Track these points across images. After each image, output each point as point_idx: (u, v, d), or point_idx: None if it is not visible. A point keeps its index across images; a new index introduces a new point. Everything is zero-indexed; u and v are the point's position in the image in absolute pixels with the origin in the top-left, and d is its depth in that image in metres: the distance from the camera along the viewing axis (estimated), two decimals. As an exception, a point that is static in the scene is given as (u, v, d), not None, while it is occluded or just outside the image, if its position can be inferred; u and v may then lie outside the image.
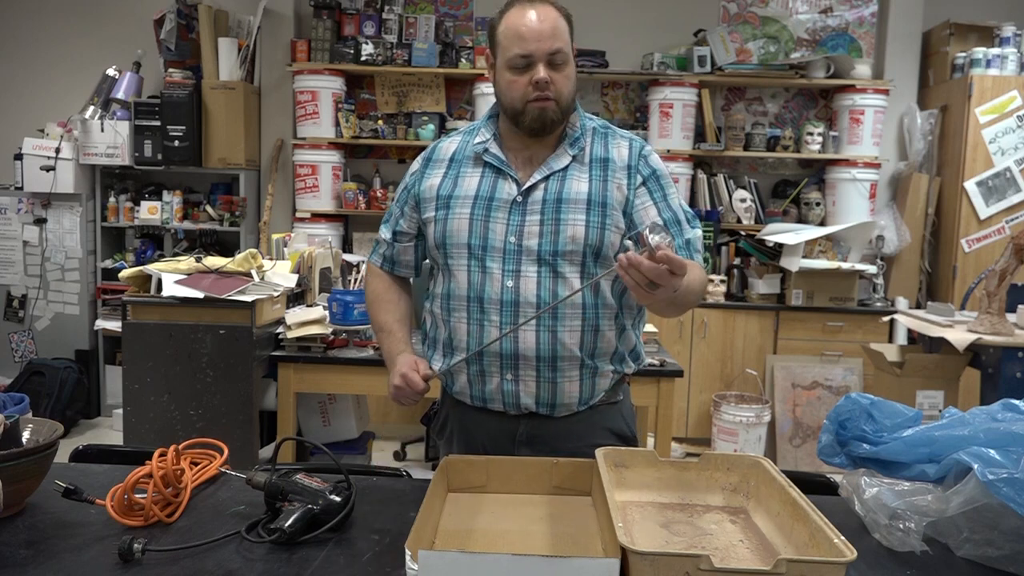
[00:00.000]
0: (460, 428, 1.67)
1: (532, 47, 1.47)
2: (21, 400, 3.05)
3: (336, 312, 3.09)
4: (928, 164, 4.84)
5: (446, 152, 1.66)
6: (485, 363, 1.56)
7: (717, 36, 4.94)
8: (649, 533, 1.22)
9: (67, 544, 1.19)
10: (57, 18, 5.28)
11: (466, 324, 1.57)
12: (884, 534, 1.25)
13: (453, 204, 1.58)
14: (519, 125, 1.54)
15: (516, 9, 1.50)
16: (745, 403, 4.31)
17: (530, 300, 1.52)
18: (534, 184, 1.55)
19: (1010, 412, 1.32)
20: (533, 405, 1.57)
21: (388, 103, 5.10)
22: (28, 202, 4.85)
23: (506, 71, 1.51)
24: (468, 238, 1.55)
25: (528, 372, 1.55)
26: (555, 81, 1.49)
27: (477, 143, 1.61)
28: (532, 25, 1.47)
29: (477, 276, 1.55)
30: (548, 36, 1.47)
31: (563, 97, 1.51)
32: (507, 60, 1.50)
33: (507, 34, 1.49)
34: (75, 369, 4.67)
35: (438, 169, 1.64)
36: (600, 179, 1.56)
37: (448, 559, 0.99)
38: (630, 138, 1.62)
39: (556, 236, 1.52)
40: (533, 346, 1.53)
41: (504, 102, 1.55)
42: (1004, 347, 3.18)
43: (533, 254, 1.53)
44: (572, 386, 1.57)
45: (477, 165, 1.60)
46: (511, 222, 1.54)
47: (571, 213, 1.53)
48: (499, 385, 1.57)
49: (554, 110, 1.51)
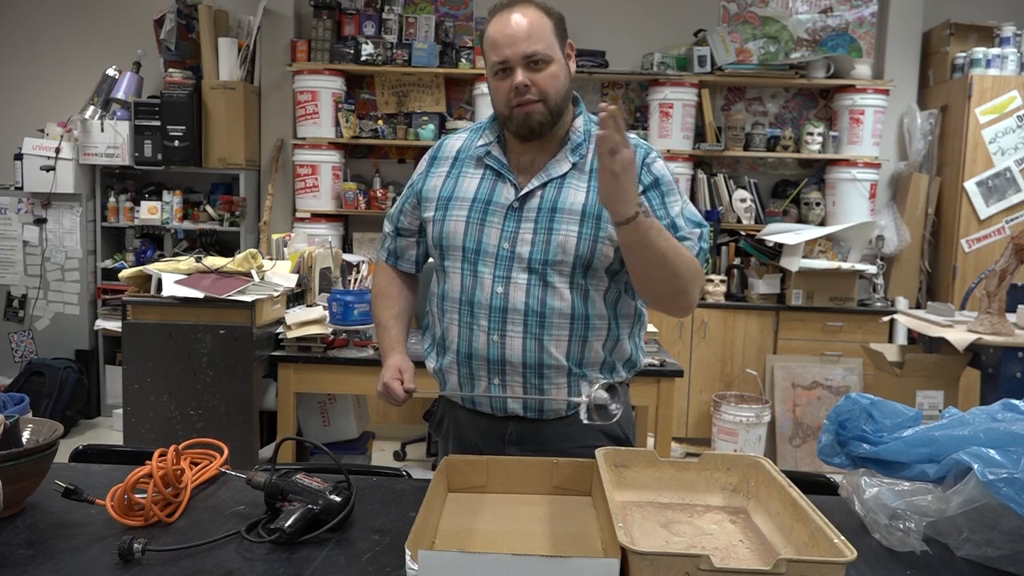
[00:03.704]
0: (454, 426, 1.68)
1: (507, 52, 1.47)
2: (21, 400, 3.06)
3: (336, 312, 3.09)
4: (928, 164, 4.84)
5: (452, 149, 1.66)
6: (474, 366, 1.57)
7: (717, 36, 4.94)
8: (649, 533, 1.22)
9: (67, 544, 1.19)
10: (57, 18, 5.28)
11: (457, 327, 1.57)
12: (884, 534, 1.25)
13: (451, 205, 1.58)
14: (509, 130, 1.55)
15: (496, 17, 1.51)
16: (745, 403, 4.31)
17: (518, 308, 1.52)
18: (531, 191, 1.55)
19: (1010, 412, 1.32)
20: (520, 410, 1.58)
21: (388, 103, 5.10)
22: (28, 202, 4.85)
23: (492, 79, 1.53)
24: (463, 241, 1.56)
25: (515, 378, 1.55)
26: (537, 82, 1.48)
27: (480, 145, 1.61)
28: (507, 31, 1.47)
29: (469, 280, 1.55)
30: (523, 39, 1.46)
31: (550, 97, 1.49)
32: (490, 68, 1.52)
33: (487, 43, 1.52)
34: (75, 369, 4.66)
35: (442, 167, 1.65)
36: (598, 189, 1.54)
37: (448, 559, 0.99)
38: (636, 145, 1.55)
39: (547, 245, 1.51)
40: (519, 353, 1.53)
41: (496, 110, 1.56)
42: (1004, 347, 3.18)
43: (524, 262, 1.52)
44: (560, 394, 1.56)
45: (479, 167, 1.60)
46: (506, 228, 1.54)
47: (564, 223, 1.51)
48: (487, 389, 1.57)
49: (541, 112, 1.49)
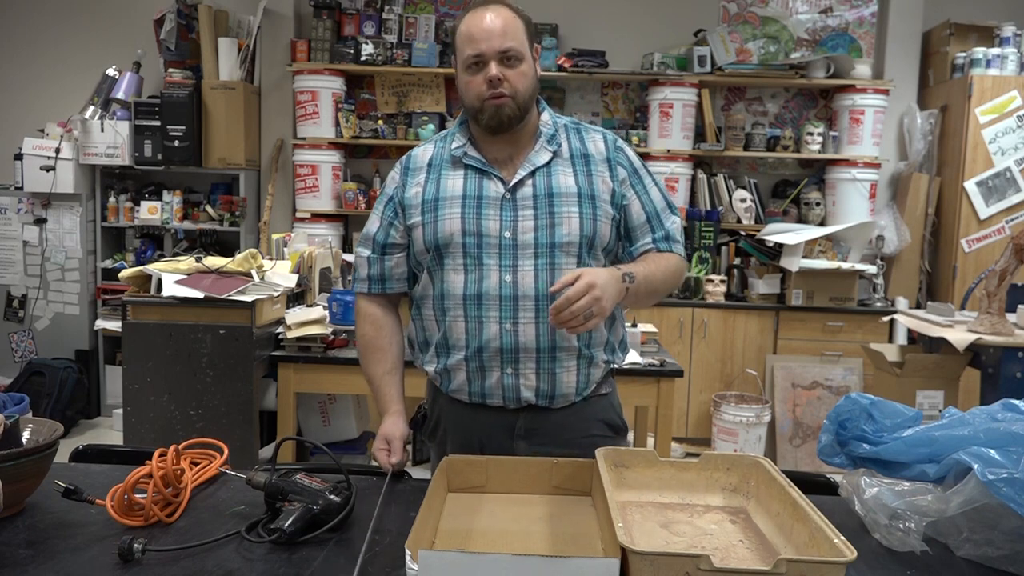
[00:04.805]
0: (455, 426, 1.68)
1: (483, 46, 1.52)
2: (21, 400, 3.05)
3: (336, 312, 3.09)
4: (928, 164, 4.84)
5: (422, 159, 1.68)
6: (485, 359, 1.58)
7: (717, 36, 4.94)
8: (649, 533, 1.22)
9: (67, 544, 1.19)
10: (57, 18, 5.28)
11: (463, 322, 1.59)
12: (884, 534, 1.25)
13: (441, 206, 1.60)
14: (479, 123, 1.58)
15: (470, 14, 1.56)
16: (745, 403, 4.31)
17: (528, 294, 1.56)
18: (520, 180, 1.59)
19: (1010, 412, 1.32)
20: (533, 397, 1.60)
21: (388, 103, 5.10)
22: (28, 202, 4.85)
23: (463, 73, 1.57)
24: (462, 237, 1.57)
25: (528, 365, 1.58)
26: (509, 78, 1.53)
27: (455, 148, 1.64)
28: (483, 25, 1.52)
29: (474, 274, 1.57)
30: (499, 35, 1.51)
31: (519, 94, 1.54)
32: (463, 62, 1.55)
33: (461, 37, 1.55)
34: (75, 369, 4.66)
35: (418, 177, 1.66)
36: (585, 173, 1.62)
37: (448, 559, 0.99)
38: (603, 132, 1.69)
39: (552, 229, 1.57)
40: (533, 338, 1.57)
41: (465, 103, 1.60)
42: (1004, 347, 3.18)
43: (529, 248, 1.56)
44: (570, 376, 1.61)
45: (458, 168, 1.63)
46: (504, 218, 1.57)
47: (564, 206, 1.58)
48: (499, 380, 1.59)
49: (511, 107, 1.54)
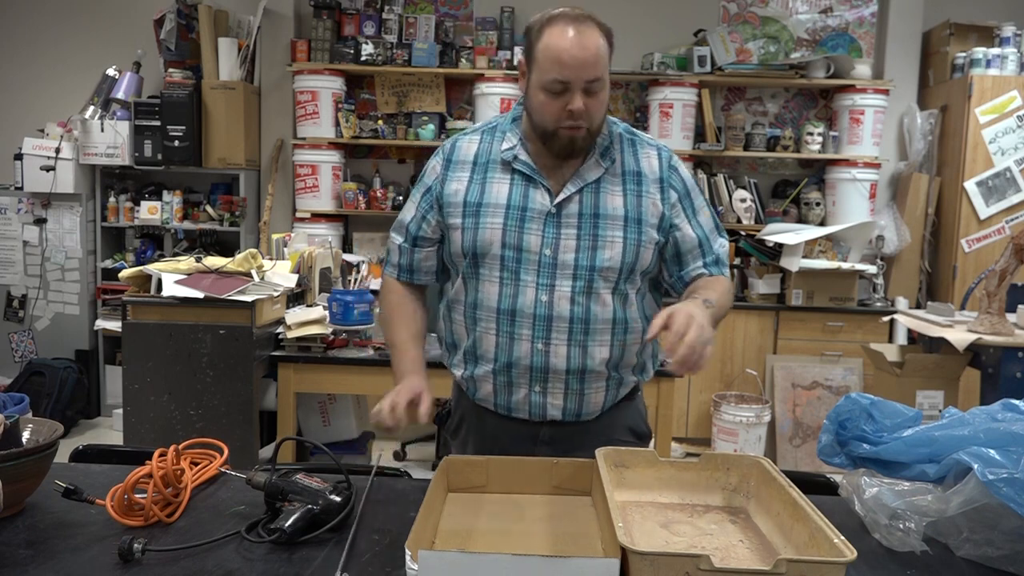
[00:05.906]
0: (478, 431, 1.66)
1: (571, 75, 1.41)
2: (21, 400, 3.05)
3: (336, 312, 3.09)
4: (928, 164, 4.84)
5: (467, 153, 1.59)
6: (514, 375, 1.55)
7: (717, 36, 4.94)
8: (649, 533, 1.22)
9: (67, 544, 1.18)
10: (57, 18, 5.28)
11: (495, 336, 1.54)
12: (884, 534, 1.25)
13: (483, 212, 1.53)
14: (547, 146, 1.50)
15: (559, 27, 1.42)
16: (745, 403, 4.31)
17: (563, 316, 1.51)
18: (568, 196, 1.52)
19: (1010, 412, 1.32)
20: (559, 415, 1.58)
21: (388, 103, 5.10)
22: (28, 202, 4.85)
23: (540, 91, 1.45)
24: (501, 249, 1.51)
25: (556, 385, 1.55)
26: (589, 108, 1.44)
27: (505, 149, 1.55)
28: (574, 52, 1.40)
29: (510, 288, 1.52)
30: (590, 64, 1.41)
31: (595, 123, 1.48)
32: (543, 82, 1.44)
33: (546, 54, 1.42)
34: (75, 369, 4.66)
35: (461, 172, 1.58)
36: (635, 193, 1.54)
37: (448, 559, 0.99)
38: (657, 147, 1.61)
39: (594, 252, 1.51)
40: (564, 360, 1.53)
41: (535, 120, 1.50)
42: (1004, 347, 3.18)
43: (569, 269, 1.50)
44: (598, 396, 1.59)
45: (505, 171, 1.55)
46: (546, 234, 1.51)
47: (609, 230, 1.51)
48: (526, 396, 1.57)
49: (584, 137, 1.48)
